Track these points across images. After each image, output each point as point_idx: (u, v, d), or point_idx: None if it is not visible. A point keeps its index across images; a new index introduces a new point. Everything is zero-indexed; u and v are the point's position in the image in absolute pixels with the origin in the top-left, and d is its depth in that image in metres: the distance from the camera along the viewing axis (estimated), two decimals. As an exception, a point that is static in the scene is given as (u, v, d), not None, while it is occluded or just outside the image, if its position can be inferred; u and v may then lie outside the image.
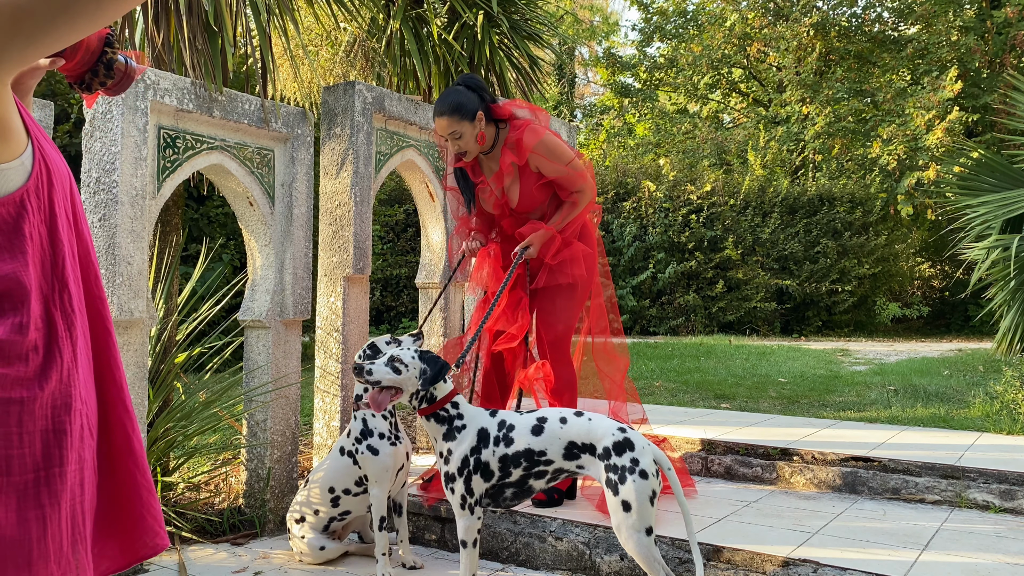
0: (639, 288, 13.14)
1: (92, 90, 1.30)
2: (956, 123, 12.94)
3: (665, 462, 2.45)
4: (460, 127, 3.20)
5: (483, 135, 3.25)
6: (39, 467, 1.06)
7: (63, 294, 1.12)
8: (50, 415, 1.08)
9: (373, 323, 14.24)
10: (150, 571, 3.04)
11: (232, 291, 4.45)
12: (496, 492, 2.54)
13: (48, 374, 1.08)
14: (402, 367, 2.49)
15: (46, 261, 1.11)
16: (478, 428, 2.54)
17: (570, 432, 2.49)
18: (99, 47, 1.27)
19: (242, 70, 6.84)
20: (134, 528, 1.24)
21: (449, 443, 2.54)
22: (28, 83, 1.25)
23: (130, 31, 3.48)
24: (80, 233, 1.20)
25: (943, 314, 15.63)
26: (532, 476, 2.53)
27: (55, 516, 1.07)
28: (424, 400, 2.54)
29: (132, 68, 1.32)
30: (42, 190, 1.11)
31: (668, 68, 17.62)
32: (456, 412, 2.56)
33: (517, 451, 2.50)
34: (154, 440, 3.43)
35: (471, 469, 2.50)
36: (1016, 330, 5.84)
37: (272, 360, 3.62)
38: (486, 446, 2.51)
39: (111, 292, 2.97)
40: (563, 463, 2.50)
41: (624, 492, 2.36)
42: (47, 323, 1.10)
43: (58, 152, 1.20)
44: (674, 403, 5.82)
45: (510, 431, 2.53)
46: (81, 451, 1.13)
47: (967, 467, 3.61)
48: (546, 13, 6.09)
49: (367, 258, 3.87)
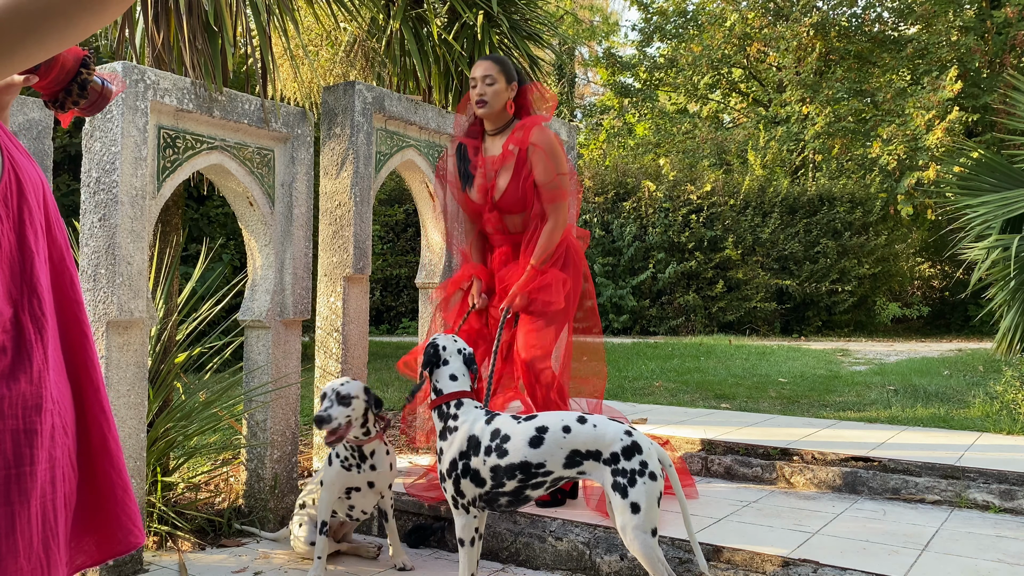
0: (639, 288, 13.14)
1: (65, 109, 1.32)
2: (956, 123, 12.95)
3: (667, 460, 2.45)
4: (497, 76, 3.31)
5: (510, 103, 3.35)
6: (9, 465, 1.09)
7: (32, 299, 1.15)
8: (20, 415, 1.10)
9: (373, 323, 14.25)
10: (150, 571, 3.04)
11: (232, 291, 4.44)
12: (490, 499, 2.54)
13: (16, 375, 1.11)
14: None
15: (15, 267, 1.13)
16: (468, 435, 2.53)
17: (575, 440, 2.45)
18: (75, 67, 1.28)
19: (242, 70, 6.84)
20: (109, 525, 1.29)
21: (442, 442, 2.57)
22: (3, 99, 1.28)
23: (130, 31, 3.48)
24: (54, 239, 1.22)
25: (943, 314, 15.63)
26: (529, 487, 2.50)
27: (24, 513, 1.10)
28: (434, 391, 2.62)
29: (108, 90, 1.33)
30: (11, 199, 1.13)
31: (668, 68, 17.63)
32: (453, 412, 2.57)
33: (512, 463, 2.46)
34: (154, 440, 3.43)
35: (459, 473, 2.51)
36: (1016, 330, 5.84)
37: (272, 360, 3.62)
38: (476, 454, 2.50)
39: (111, 292, 2.97)
40: (563, 471, 2.48)
41: (634, 495, 2.35)
42: (15, 326, 1.13)
43: (31, 161, 1.22)
44: (674, 403, 5.82)
45: (504, 441, 2.48)
46: (52, 450, 1.16)
47: (967, 467, 3.61)
48: (546, 13, 6.09)
49: (367, 258, 3.87)
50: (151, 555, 3.20)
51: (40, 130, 3.06)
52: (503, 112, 3.34)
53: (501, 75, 3.30)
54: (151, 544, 3.28)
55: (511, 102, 3.36)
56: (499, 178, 3.31)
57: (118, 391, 3.00)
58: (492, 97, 3.31)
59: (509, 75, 3.33)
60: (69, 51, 1.27)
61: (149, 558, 3.16)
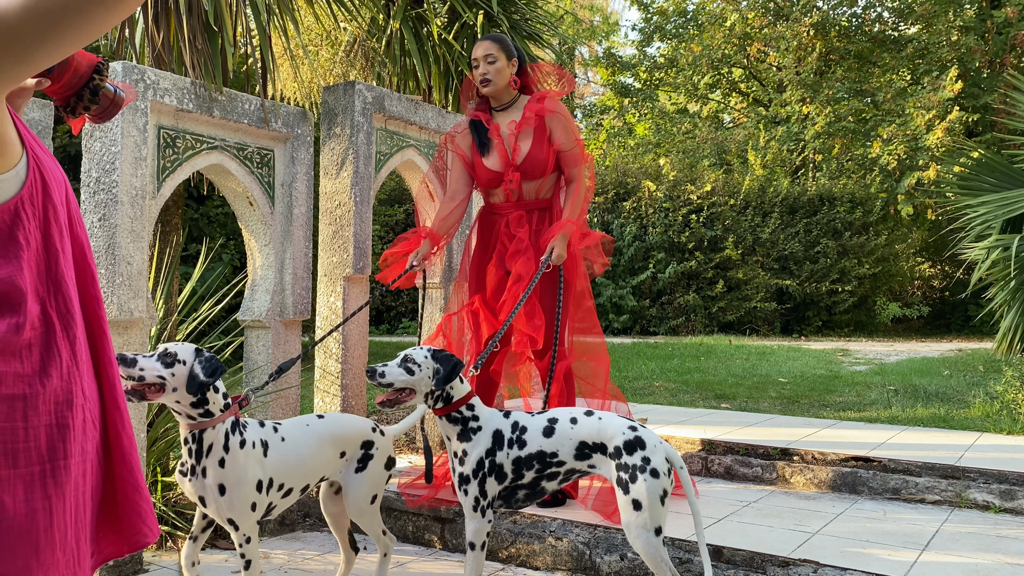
0: (639, 288, 13.14)
1: (76, 114, 1.32)
2: (956, 123, 12.94)
3: (678, 460, 2.42)
4: (498, 55, 3.38)
5: (514, 80, 3.43)
6: (44, 460, 1.12)
7: (58, 296, 1.17)
8: (53, 411, 1.13)
9: (373, 323, 14.24)
10: (150, 571, 3.04)
11: (232, 291, 4.44)
12: (509, 494, 2.53)
13: (48, 371, 1.14)
14: (415, 367, 2.44)
15: (40, 265, 1.16)
16: (493, 430, 2.51)
17: (581, 432, 2.47)
18: (88, 73, 1.28)
19: (242, 70, 6.84)
20: (121, 521, 1.31)
21: (464, 444, 2.50)
22: (17, 102, 1.28)
23: (130, 31, 3.48)
24: (76, 236, 1.24)
25: (943, 314, 15.63)
26: (545, 478, 2.51)
27: (60, 506, 1.13)
28: (440, 400, 2.50)
29: (120, 97, 1.34)
30: (36, 197, 1.15)
31: (668, 68, 17.62)
32: (472, 414, 2.52)
33: (530, 453, 2.48)
34: (154, 440, 3.43)
35: (486, 471, 2.47)
36: (1016, 330, 5.84)
37: (272, 360, 3.62)
38: (500, 448, 2.49)
39: (111, 292, 2.97)
40: (575, 463, 2.49)
41: (635, 491, 2.34)
42: (44, 323, 1.15)
43: (53, 160, 1.24)
44: (674, 403, 5.81)
45: (523, 433, 2.51)
46: (84, 443, 1.19)
47: (967, 467, 3.61)
48: (546, 13, 6.09)
49: (367, 258, 3.87)
50: (151, 555, 3.20)
51: (40, 130, 3.06)
52: (507, 89, 3.43)
53: (501, 52, 3.38)
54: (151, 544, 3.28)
55: (514, 78, 3.44)
56: (520, 142, 3.40)
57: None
58: (495, 75, 3.38)
59: (509, 52, 3.41)
60: (83, 56, 1.28)
61: (149, 558, 3.16)
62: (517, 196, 3.44)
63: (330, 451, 2.64)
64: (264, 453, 2.48)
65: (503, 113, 3.47)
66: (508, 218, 3.45)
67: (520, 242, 3.39)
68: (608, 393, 3.45)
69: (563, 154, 3.39)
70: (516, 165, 3.39)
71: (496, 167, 3.43)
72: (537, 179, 3.41)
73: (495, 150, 3.44)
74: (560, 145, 3.38)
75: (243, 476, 2.39)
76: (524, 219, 3.43)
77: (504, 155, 3.41)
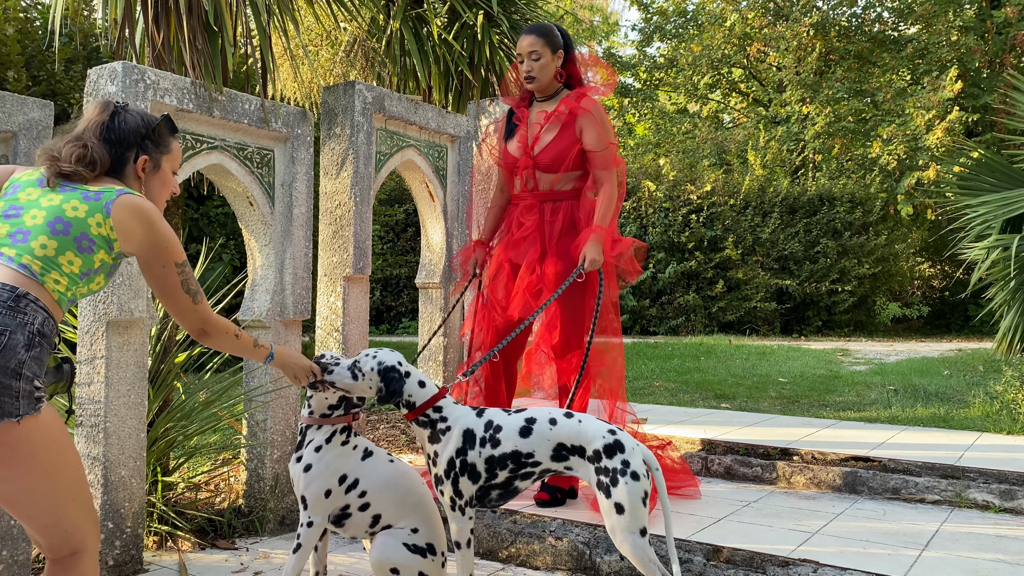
0: (639, 288, 13.14)
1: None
2: (956, 123, 12.94)
3: (653, 462, 2.43)
4: (542, 51, 3.37)
5: (560, 72, 3.42)
6: None
7: None
8: None
9: (373, 323, 14.24)
10: (150, 571, 3.04)
11: (232, 291, 4.45)
12: (483, 493, 2.53)
13: None
14: (360, 375, 2.53)
15: None
16: (463, 429, 2.52)
17: (560, 434, 2.47)
18: None
19: (242, 70, 6.84)
20: None
21: (435, 446, 2.52)
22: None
23: (130, 31, 3.48)
24: None
25: (943, 314, 15.63)
26: (518, 478, 2.51)
27: None
28: (403, 406, 2.55)
29: None
30: None
31: (668, 68, 17.63)
32: (439, 415, 2.54)
33: (504, 453, 2.48)
34: (154, 440, 3.43)
35: (457, 471, 2.49)
36: (1016, 330, 5.84)
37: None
38: (472, 447, 2.50)
39: (111, 292, 2.97)
40: (551, 464, 2.49)
41: (616, 494, 2.35)
42: None
43: None
44: (674, 403, 5.82)
45: (497, 432, 2.50)
46: None
47: (967, 467, 3.61)
48: (546, 13, 6.09)
49: (367, 258, 3.87)
50: (151, 555, 3.20)
51: (40, 130, 3.06)
52: (552, 82, 3.43)
53: (547, 48, 3.37)
54: (151, 544, 3.28)
55: (559, 71, 3.43)
56: (545, 134, 3.41)
57: (118, 391, 3.00)
58: (540, 71, 3.39)
59: (555, 45, 3.39)
60: None
61: (149, 558, 3.16)
62: (532, 186, 3.45)
63: None
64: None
65: (544, 103, 3.48)
66: (521, 206, 3.48)
67: (526, 229, 3.40)
68: (620, 394, 3.44)
69: (592, 155, 3.36)
70: (532, 154, 3.40)
71: (515, 153, 3.47)
72: (553, 173, 3.40)
73: (518, 137, 3.47)
74: (588, 145, 3.35)
75: None
76: (535, 208, 3.44)
77: (524, 143, 3.44)
